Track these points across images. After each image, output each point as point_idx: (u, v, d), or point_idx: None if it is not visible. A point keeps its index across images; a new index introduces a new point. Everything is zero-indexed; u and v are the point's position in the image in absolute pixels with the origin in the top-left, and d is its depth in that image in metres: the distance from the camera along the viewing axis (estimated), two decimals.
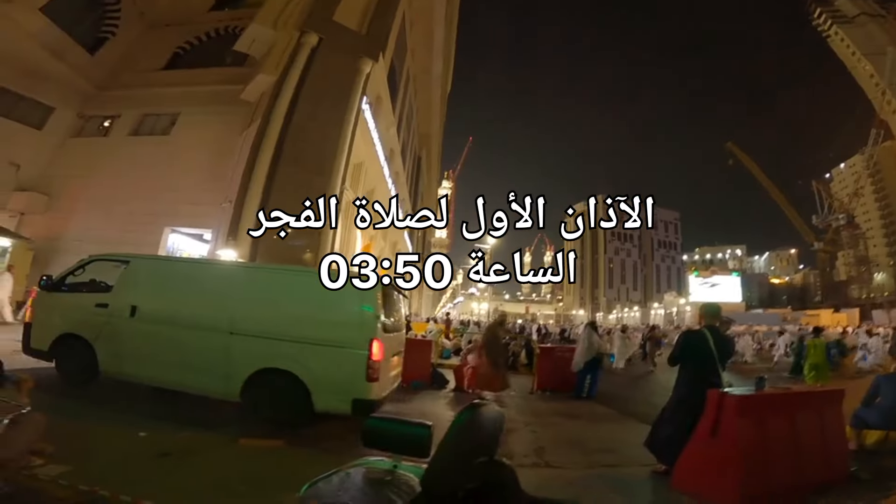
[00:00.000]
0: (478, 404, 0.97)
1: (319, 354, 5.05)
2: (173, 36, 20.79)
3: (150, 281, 5.82)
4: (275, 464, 4.11)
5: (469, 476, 0.91)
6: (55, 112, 18.38)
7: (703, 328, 4.46)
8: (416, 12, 26.20)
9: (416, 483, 1.18)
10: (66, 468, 3.04)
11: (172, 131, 18.18)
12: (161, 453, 3.85)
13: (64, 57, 17.56)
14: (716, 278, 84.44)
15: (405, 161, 33.82)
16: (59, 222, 16.68)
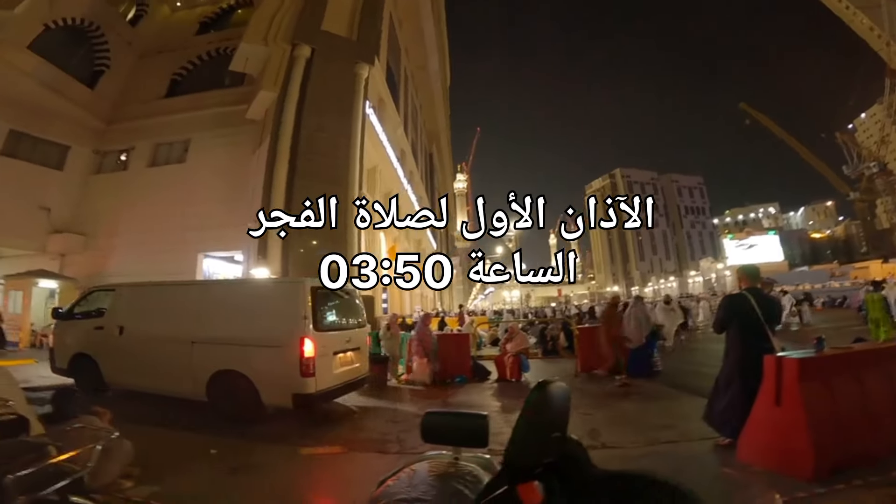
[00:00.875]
0: (546, 382, 0.99)
1: (261, 355, 5.59)
2: (167, 63, 21.16)
3: (130, 304, 6.76)
4: (337, 469, 4.23)
5: (546, 451, 0.96)
6: (71, 150, 19.00)
7: (744, 290, 4.31)
8: (403, 11, 26.16)
9: (480, 472, 1.22)
10: (154, 489, 3.22)
11: (187, 157, 18.59)
12: (233, 468, 4.02)
13: (65, 93, 18.06)
14: (752, 239, 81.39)
15: (417, 159, 33.92)
16: (99, 259, 17.37)
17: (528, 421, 0.94)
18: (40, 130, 18.01)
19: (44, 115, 17.70)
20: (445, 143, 50.80)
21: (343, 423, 5.83)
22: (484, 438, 1.23)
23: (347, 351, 6.30)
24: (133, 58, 21.33)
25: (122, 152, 19.75)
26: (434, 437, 1.31)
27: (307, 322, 5.53)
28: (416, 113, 34.69)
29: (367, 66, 16.71)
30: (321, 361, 5.57)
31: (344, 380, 6.13)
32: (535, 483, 0.90)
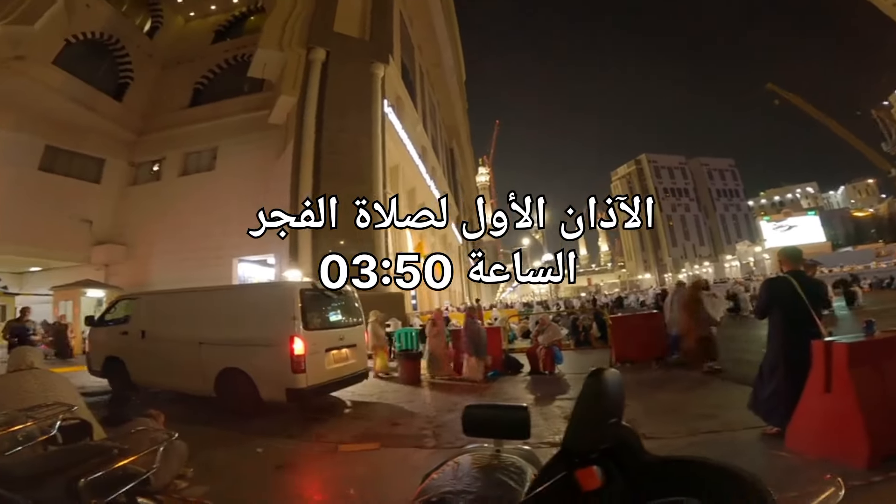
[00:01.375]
0: (601, 369, 1.01)
1: (258, 354, 6.00)
2: (188, 73, 21.78)
3: (150, 310, 7.35)
4: (375, 464, 4.31)
5: (603, 437, 0.97)
6: (107, 163, 19.81)
7: (786, 274, 4.13)
8: (412, 8, 26.12)
9: (523, 463, 1.26)
10: (206, 488, 3.35)
11: (216, 165, 19.16)
12: (278, 465, 4.15)
13: (95, 107, 18.74)
14: (791, 220, 77.86)
15: (438, 155, 33.95)
16: (141, 268, 18.15)
17: (586, 407, 0.97)
18: (75, 145, 18.79)
19: (77, 129, 18.45)
20: (465, 138, 50.65)
21: (379, 420, 5.91)
22: (525, 430, 1.26)
23: (341, 348, 6.60)
24: (155, 69, 22.04)
25: (154, 163, 20.45)
26: (475, 430, 1.35)
27: (297, 322, 5.89)
28: (434, 109, 34.69)
29: (383, 66, 16.83)
30: (312, 358, 5.92)
31: (337, 375, 6.45)
32: (594, 468, 0.92)
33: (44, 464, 1.24)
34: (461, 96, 45.29)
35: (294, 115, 15.60)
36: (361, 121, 15.69)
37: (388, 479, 3.98)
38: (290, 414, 6.19)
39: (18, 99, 16.37)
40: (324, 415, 6.18)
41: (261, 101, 18.26)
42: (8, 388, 2.22)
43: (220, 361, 6.15)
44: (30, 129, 17.34)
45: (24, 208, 16.35)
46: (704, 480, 0.85)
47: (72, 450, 1.51)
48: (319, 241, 13.12)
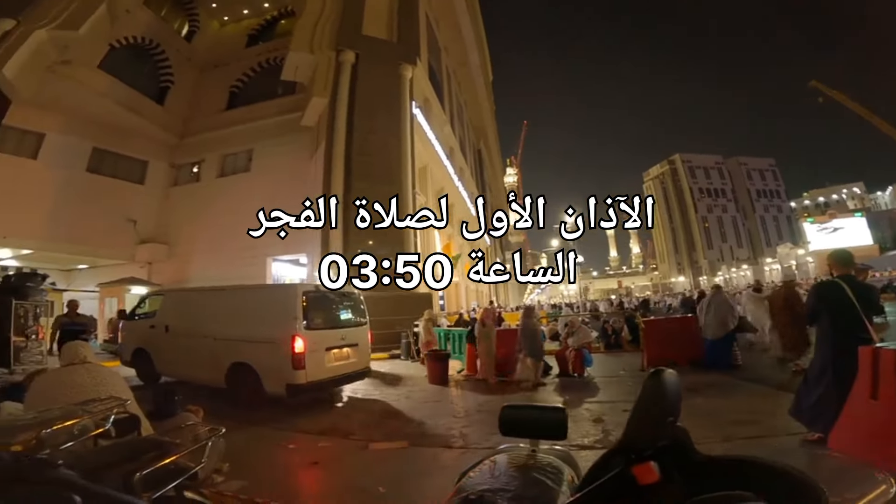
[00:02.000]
0: (660, 370, 1.04)
1: (264, 350, 6.33)
2: (224, 76, 22.43)
3: (173, 306, 7.94)
4: (404, 463, 4.35)
5: (660, 434, 1.00)
6: (150, 165, 20.62)
7: (836, 278, 3.95)
8: (437, 10, 26.17)
9: (560, 463, 1.28)
10: (243, 483, 3.45)
11: (251, 167, 19.72)
12: (311, 462, 4.24)
13: (139, 111, 19.47)
14: (836, 222, 73.64)
15: (466, 156, 33.94)
16: (182, 266, 18.88)
17: (646, 406, 1.01)
18: (120, 147, 19.62)
19: (121, 132, 19.25)
20: (493, 138, 50.44)
21: (406, 419, 5.96)
22: (562, 431, 1.29)
23: (343, 347, 6.93)
24: (194, 73, 22.78)
25: (194, 164, 21.20)
26: (512, 429, 1.36)
27: (298, 322, 6.27)
28: (461, 110, 34.70)
29: (410, 67, 16.96)
30: (312, 356, 6.27)
31: (337, 373, 6.81)
32: (652, 463, 0.95)
33: (104, 457, 1.28)
34: (488, 97, 45.13)
35: (325, 117, 15.85)
36: (390, 122, 15.85)
37: (418, 477, 4.02)
38: (317, 411, 6.37)
39: (66, 102, 17.14)
40: (352, 412, 6.29)
41: (293, 104, 18.65)
42: (62, 383, 2.31)
43: (231, 356, 6.55)
44: (78, 132, 18.17)
45: (73, 208, 17.23)
46: (755, 478, 0.85)
47: (129, 443, 1.55)
48: (350, 240, 13.31)
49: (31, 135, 17.11)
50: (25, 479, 0.64)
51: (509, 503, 1.04)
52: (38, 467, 0.66)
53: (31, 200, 16.36)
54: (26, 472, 0.65)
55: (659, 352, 8.37)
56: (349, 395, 7.48)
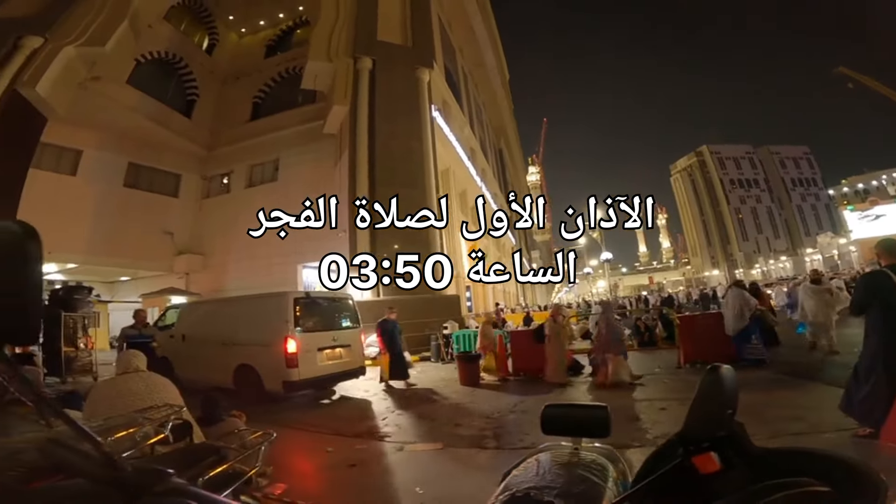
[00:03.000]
0: (717, 365, 1.07)
1: (262, 352, 7.00)
2: (246, 87, 22.89)
3: (189, 317, 8.77)
4: (439, 464, 4.37)
5: (719, 426, 1.02)
6: (183, 178, 21.24)
7: (885, 268, 3.76)
8: (449, 12, 26.17)
9: (604, 461, 1.28)
10: (284, 485, 3.55)
11: (278, 176, 20.02)
12: (350, 464, 4.32)
13: (169, 125, 20.01)
14: (878, 209, 69.49)
15: (487, 156, 33.83)
16: (217, 275, 19.42)
17: (705, 399, 1.04)
18: (154, 161, 20.30)
19: (154, 146, 19.89)
20: (513, 138, 50.15)
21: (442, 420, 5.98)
22: (606, 428, 1.29)
23: (335, 348, 7.59)
24: (217, 85, 23.34)
25: (223, 176, 21.70)
26: (554, 428, 1.37)
27: (290, 325, 6.92)
28: (479, 111, 34.62)
29: (427, 70, 17.05)
30: (304, 356, 6.92)
31: (329, 371, 7.46)
32: (712, 454, 0.98)
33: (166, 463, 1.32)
34: (506, 96, 44.91)
35: (347, 124, 16.03)
36: (411, 126, 15.94)
37: (454, 478, 4.04)
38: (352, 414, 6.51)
39: (100, 119, 17.75)
40: (387, 414, 6.36)
41: (315, 112, 18.90)
42: (119, 391, 2.40)
43: (237, 358, 7.23)
44: (113, 148, 18.89)
45: (113, 222, 18.00)
46: (813, 469, 0.84)
47: (188, 449, 1.59)
48: (377, 244, 13.47)
49: (69, 151, 17.81)
50: (149, 489, 0.67)
51: (556, 500, 1.05)
52: (159, 476, 0.70)
53: (74, 216, 17.10)
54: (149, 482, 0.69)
55: (695, 348, 8.13)
56: (382, 398, 7.58)
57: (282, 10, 23.97)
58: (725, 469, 0.98)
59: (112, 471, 0.68)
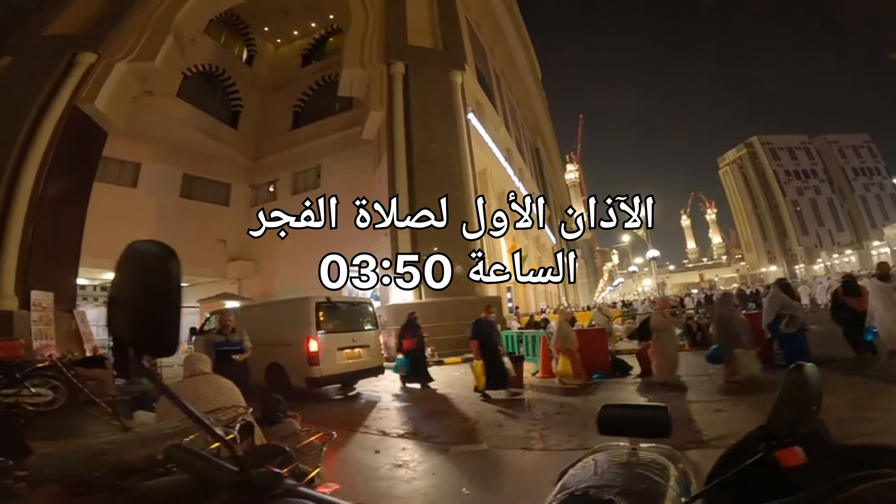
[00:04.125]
0: (801, 364, 1.09)
1: (289, 351, 7.65)
2: (286, 97, 23.62)
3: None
4: (485, 465, 4.37)
5: (803, 422, 1.03)
6: (232, 187, 22.22)
7: None
8: (476, 14, 25.93)
9: (664, 460, 1.26)
10: (336, 485, 3.66)
11: (321, 182, 20.65)
12: (397, 464, 4.39)
13: (217, 136, 20.90)
14: None
15: (524, 156, 33.51)
16: (267, 280, 20.27)
17: (789, 395, 1.06)
18: (205, 172, 21.35)
19: (205, 157, 20.89)
20: (550, 136, 49.36)
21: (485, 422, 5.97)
22: (667, 428, 1.26)
23: (354, 348, 8.26)
24: (259, 95, 24.24)
25: (269, 184, 22.59)
26: (611, 428, 1.34)
27: (312, 327, 7.61)
28: (514, 110, 34.28)
29: (460, 73, 17.05)
30: (325, 355, 7.60)
31: (348, 369, 8.11)
32: (797, 447, 0.99)
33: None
34: (540, 94, 44.24)
35: (384, 129, 16.20)
36: (447, 129, 15.95)
37: (500, 479, 4.04)
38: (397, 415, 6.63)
39: (155, 132, 18.78)
40: (432, 415, 6.42)
41: (353, 119, 19.34)
42: (188, 393, 2.50)
43: (268, 357, 7.77)
44: (169, 160, 20.00)
45: (171, 231, 18.93)
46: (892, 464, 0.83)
47: (256, 450, 1.65)
48: (419, 245, 13.62)
49: (129, 164, 18.99)
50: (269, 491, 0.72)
51: (616, 498, 1.04)
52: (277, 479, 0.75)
53: (136, 226, 17.99)
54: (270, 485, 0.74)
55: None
56: (426, 399, 7.65)
57: (313, 20, 24.54)
58: (808, 464, 0.99)
59: (242, 474, 0.74)
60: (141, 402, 5.12)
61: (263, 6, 22.59)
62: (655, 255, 23.27)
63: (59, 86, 14.05)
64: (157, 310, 0.69)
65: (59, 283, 12.89)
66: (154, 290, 0.69)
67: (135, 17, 15.95)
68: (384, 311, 14.51)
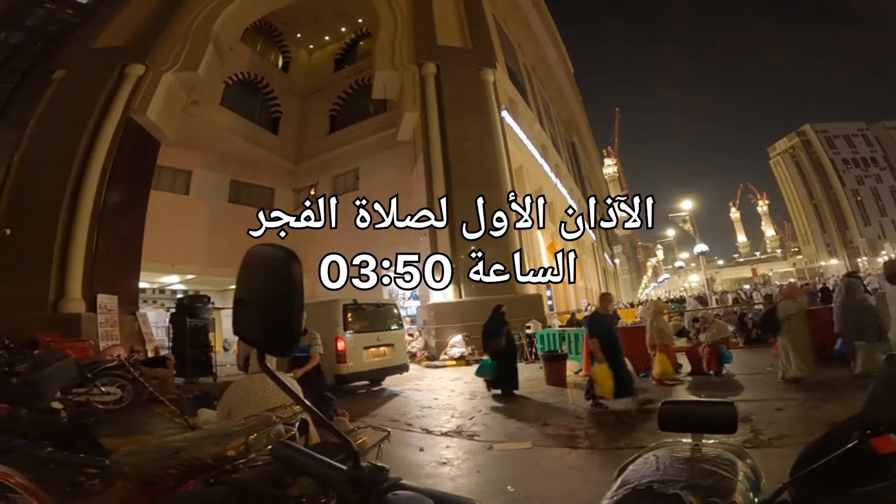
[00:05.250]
0: (893, 355, 1.10)
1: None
2: (322, 101, 24.00)
3: None
4: (529, 463, 4.33)
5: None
6: (276, 192, 22.83)
7: None
8: (503, 10, 25.50)
9: (730, 455, 1.22)
10: None
11: (359, 184, 20.96)
12: (440, 462, 4.43)
13: (260, 142, 21.49)
14: None
15: (560, 152, 32.89)
16: (312, 282, 20.39)
17: (885, 386, 1.10)
18: (251, 177, 22.07)
19: (250, 163, 21.60)
20: (585, 131, 48.15)
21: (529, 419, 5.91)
22: (732, 425, 1.22)
23: (379, 346, 8.88)
24: (297, 101, 24.78)
25: (310, 188, 22.96)
26: (672, 424, 1.32)
27: (340, 327, 8.23)
28: (547, 106, 33.65)
29: (491, 70, 16.88)
30: (352, 353, 8.21)
31: (375, 366, 8.71)
32: (892, 435, 1.00)
33: None
34: (573, 89, 43.25)
35: (419, 129, 16.23)
36: (481, 127, 15.84)
37: (545, 477, 4.00)
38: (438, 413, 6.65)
39: (203, 141, 19.52)
40: (473, 413, 6.42)
41: (388, 121, 19.47)
42: (254, 391, 2.58)
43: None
44: (217, 168, 20.82)
45: (221, 235, 19.80)
46: None
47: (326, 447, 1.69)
48: (457, 244, 13.64)
49: (181, 173, 19.86)
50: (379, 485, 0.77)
51: (682, 493, 1.00)
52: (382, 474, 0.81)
53: (189, 231, 19.21)
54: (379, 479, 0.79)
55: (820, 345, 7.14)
56: (468, 398, 7.66)
57: (343, 25, 24.80)
58: None
59: (353, 470, 0.79)
60: (203, 400, 5.38)
61: (294, 13, 22.97)
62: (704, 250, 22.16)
63: (112, 97, 14.74)
64: (283, 311, 0.74)
65: (122, 287, 13.71)
66: (279, 293, 0.73)
67: (176, 28, 16.56)
68: (424, 311, 14.61)
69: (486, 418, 6.13)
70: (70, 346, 8.18)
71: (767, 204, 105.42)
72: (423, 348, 13.00)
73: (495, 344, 7.78)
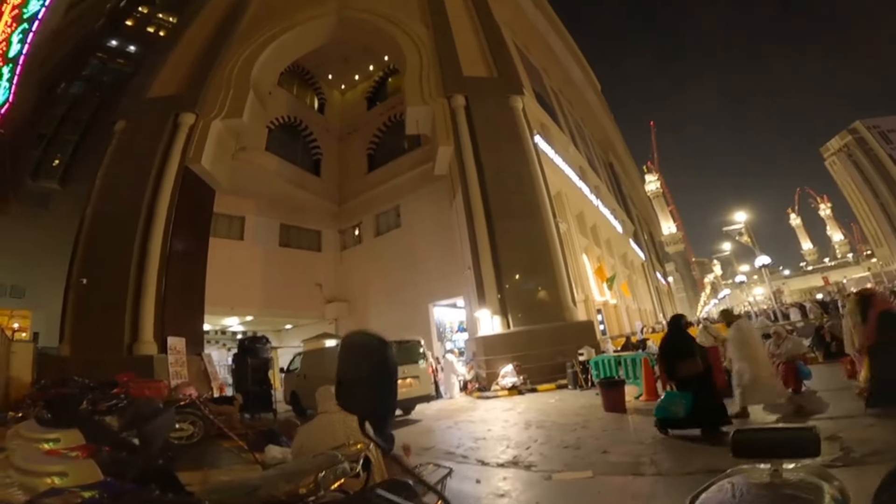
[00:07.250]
0: None
1: None
2: (358, 141, 24.75)
3: (307, 361, 11.42)
4: (591, 493, 4.22)
5: None
6: (322, 234, 23.69)
7: None
8: (522, 37, 25.81)
9: (814, 479, 1.12)
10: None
11: (401, 222, 21.33)
12: (498, 494, 4.37)
13: (304, 185, 22.29)
14: None
15: (598, 172, 32.44)
16: (361, 319, 21.09)
17: None
18: (298, 221, 23.01)
19: (296, 207, 22.49)
20: (622, 148, 47.29)
21: (587, 448, 5.73)
22: (815, 448, 1.13)
23: (407, 378, 9.62)
24: (335, 142, 25.61)
25: (354, 227, 23.68)
26: (747, 450, 1.25)
27: None
28: (580, 127, 33.45)
29: (519, 97, 16.96)
30: None
31: (403, 396, 8.97)
32: None
33: None
34: (603, 107, 42.89)
35: (454, 162, 16.30)
36: (516, 155, 15.77)
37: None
38: (492, 445, 6.51)
39: (253, 187, 20.53)
40: (529, 443, 6.30)
41: (424, 156, 19.76)
42: (323, 429, 2.78)
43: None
44: (267, 213, 21.89)
45: (275, 279, 20.86)
46: None
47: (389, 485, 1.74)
48: (502, 278, 13.65)
49: (235, 219, 21.03)
50: None
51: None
52: None
53: (245, 275, 20.15)
54: None
55: None
56: (522, 428, 7.53)
57: (370, 63, 25.52)
58: None
59: None
60: (270, 436, 5.61)
61: (324, 55, 23.85)
62: (766, 262, 20.84)
63: (170, 147, 15.81)
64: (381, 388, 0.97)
65: (188, 329, 14.64)
66: (377, 373, 0.97)
67: (218, 76, 17.57)
68: (473, 343, 14.50)
69: (542, 447, 5.99)
70: (147, 385, 8.68)
71: (830, 207, 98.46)
72: (474, 380, 12.88)
73: (689, 366, 5.54)
